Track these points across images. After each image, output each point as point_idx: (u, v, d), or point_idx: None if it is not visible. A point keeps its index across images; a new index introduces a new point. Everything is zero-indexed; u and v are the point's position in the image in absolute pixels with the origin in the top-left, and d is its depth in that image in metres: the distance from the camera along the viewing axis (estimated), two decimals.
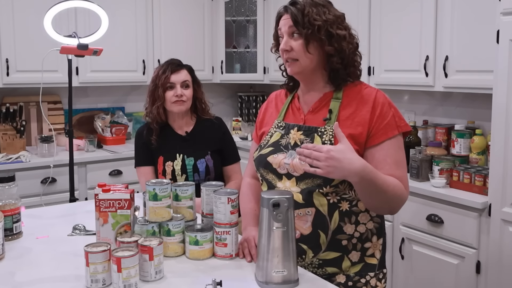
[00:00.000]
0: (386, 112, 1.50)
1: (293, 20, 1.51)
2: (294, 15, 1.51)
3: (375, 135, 1.49)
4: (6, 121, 3.59)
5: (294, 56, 1.53)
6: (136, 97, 4.29)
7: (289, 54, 1.53)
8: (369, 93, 1.53)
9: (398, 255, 2.82)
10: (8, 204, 1.72)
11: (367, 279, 1.56)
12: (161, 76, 2.29)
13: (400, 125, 1.51)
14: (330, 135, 1.50)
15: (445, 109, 3.25)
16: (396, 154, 1.49)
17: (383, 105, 1.51)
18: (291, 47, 1.52)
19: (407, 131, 1.53)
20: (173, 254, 1.59)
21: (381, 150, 1.49)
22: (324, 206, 1.51)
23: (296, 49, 1.52)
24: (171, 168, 2.30)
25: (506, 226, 2.31)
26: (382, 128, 1.48)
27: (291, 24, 1.51)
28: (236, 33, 4.40)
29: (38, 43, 3.33)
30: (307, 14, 1.50)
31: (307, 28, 1.49)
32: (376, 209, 1.53)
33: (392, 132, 1.49)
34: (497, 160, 2.33)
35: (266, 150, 1.61)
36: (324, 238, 1.52)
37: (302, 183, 1.52)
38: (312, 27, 1.49)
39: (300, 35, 1.51)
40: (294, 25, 1.51)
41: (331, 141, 1.49)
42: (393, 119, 1.50)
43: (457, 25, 2.74)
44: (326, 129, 1.52)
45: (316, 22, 1.49)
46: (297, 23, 1.50)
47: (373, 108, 1.50)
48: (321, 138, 1.51)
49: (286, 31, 1.53)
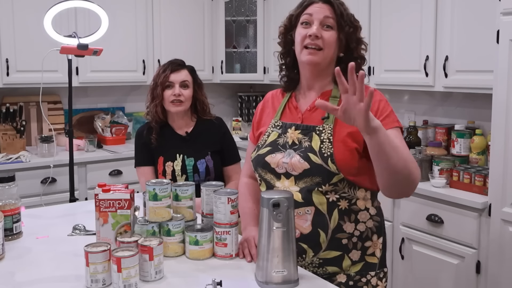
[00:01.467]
0: (384, 107, 1.51)
1: (338, 13, 1.52)
2: (339, 9, 1.52)
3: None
4: (6, 121, 3.59)
5: (320, 44, 1.51)
6: (136, 97, 4.29)
7: (317, 41, 1.51)
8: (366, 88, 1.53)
9: (398, 255, 2.82)
10: (8, 204, 1.71)
11: (368, 279, 1.56)
12: (161, 75, 2.30)
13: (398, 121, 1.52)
14: (329, 133, 1.50)
15: (445, 109, 3.25)
16: (401, 140, 1.47)
17: (380, 101, 1.52)
18: (321, 36, 1.51)
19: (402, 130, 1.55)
20: (173, 254, 1.59)
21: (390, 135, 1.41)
22: (324, 205, 1.51)
23: (326, 40, 1.51)
24: (171, 168, 2.30)
25: (506, 226, 2.31)
26: (383, 120, 1.46)
27: (331, 14, 1.52)
28: (236, 33, 4.40)
29: (38, 43, 3.33)
30: (348, 13, 1.54)
31: (348, 26, 1.52)
32: (394, 178, 1.38)
33: (393, 123, 1.49)
34: (497, 160, 2.33)
35: (263, 150, 1.60)
36: (324, 237, 1.52)
37: (301, 182, 1.52)
38: (353, 27, 1.53)
39: (333, 28, 1.52)
40: (338, 17, 1.51)
41: (330, 139, 1.49)
42: (392, 113, 1.52)
43: (457, 25, 2.74)
44: (325, 128, 1.52)
45: (357, 24, 1.54)
46: (341, 16, 1.52)
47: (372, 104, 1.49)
48: (319, 136, 1.51)
49: (319, 19, 1.52)
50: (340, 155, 1.47)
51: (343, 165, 1.47)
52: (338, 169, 1.47)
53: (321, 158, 1.48)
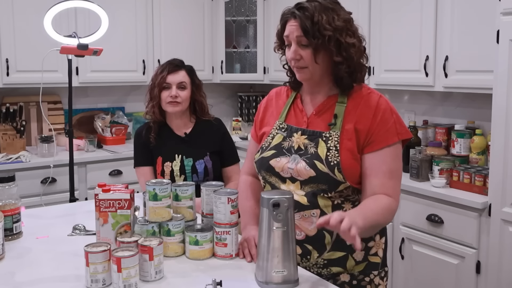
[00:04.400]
0: (387, 118, 1.49)
1: (303, 29, 1.45)
2: (304, 24, 1.44)
3: (374, 142, 1.48)
4: (6, 121, 3.59)
5: (303, 64, 1.49)
6: (136, 97, 4.29)
7: (299, 63, 1.50)
8: (372, 98, 1.52)
9: (398, 255, 2.82)
10: (8, 204, 1.71)
11: (371, 278, 1.57)
12: (158, 76, 2.30)
13: (400, 132, 1.50)
14: (336, 140, 1.49)
15: (445, 109, 3.25)
16: (393, 162, 1.49)
17: (384, 111, 1.50)
18: (300, 56, 1.48)
19: (407, 138, 1.51)
20: (173, 254, 1.59)
21: (378, 157, 1.48)
22: (329, 208, 1.51)
23: (305, 58, 1.48)
24: (170, 168, 2.30)
25: (506, 226, 2.31)
26: (382, 134, 1.48)
27: (300, 33, 1.46)
28: (236, 33, 4.40)
29: (38, 43, 3.33)
30: (317, 23, 1.43)
31: (317, 38, 1.44)
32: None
33: (392, 139, 1.48)
34: (497, 160, 2.33)
35: (268, 153, 1.59)
36: (329, 238, 1.52)
37: (306, 186, 1.52)
38: (322, 37, 1.44)
39: (309, 44, 1.46)
40: (304, 35, 1.45)
41: (336, 147, 1.48)
42: (394, 125, 1.49)
43: (457, 25, 2.74)
44: (331, 134, 1.50)
45: (327, 32, 1.43)
46: (306, 32, 1.44)
47: (374, 114, 1.49)
48: (326, 143, 1.50)
49: (294, 39, 1.48)
50: (347, 164, 1.47)
51: (349, 174, 1.47)
52: (345, 178, 1.47)
53: (327, 166, 1.47)
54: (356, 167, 1.48)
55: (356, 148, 1.49)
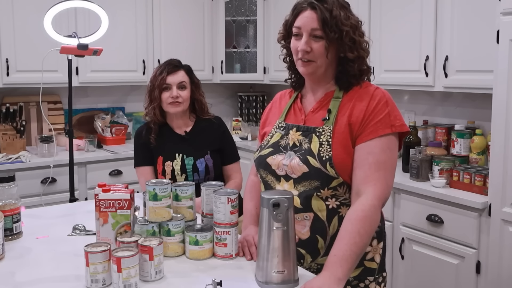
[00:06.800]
0: (380, 109, 1.46)
1: (321, 21, 1.43)
2: (324, 15, 1.43)
3: (364, 132, 1.45)
4: (6, 121, 3.59)
5: (311, 57, 1.48)
6: (136, 97, 4.29)
7: (307, 56, 1.48)
8: (368, 89, 1.51)
9: (398, 255, 2.82)
10: (8, 204, 1.71)
11: (366, 284, 1.55)
12: (157, 77, 2.30)
13: (394, 125, 1.45)
14: (328, 135, 1.48)
15: (445, 109, 3.25)
16: (381, 154, 1.43)
17: (379, 101, 1.47)
18: (311, 48, 1.46)
19: (404, 132, 1.48)
20: (173, 254, 1.59)
21: (366, 148, 1.43)
22: (323, 212, 1.49)
23: (316, 52, 1.46)
24: (171, 168, 2.30)
25: (506, 226, 2.31)
26: (373, 125, 1.44)
27: (316, 25, 1.44)
28: (236, 33, 4.40)
29: (38, 43, 3.33)
30: (335, 17, 1.43)
31: (334, 32, 1.43)
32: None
33: (383, 130, 1.44)
34: (497, 160, 2.33)
35: (266, 151, 1.60)
36: (323, 243, 1.51)
37: (299, 185, 1.50)
38: (339, 32, 1.43)
39: (322, 37, 1.45)
40: (321, 27, 1.43)
41: (329, 141, 1.46)
42: (388, 117, 1.45)
43: (457, 25, 2.74)
44: (324, 129, 1.49)
45: (344, 28, 1.43)
46: (325, 24, 1.43)
47: (368, 104, 1.46)
48: (319, 138, 1.49)
49: (307, 30, 1.46)
50: (339, 159, 1.45)
51: (342, 169, 1.45)
52: (337, 173, 1.45)
53: (319, 161, 1.46)
54: (349, 162, 1.45)
55: (350, 141, 1.46)
